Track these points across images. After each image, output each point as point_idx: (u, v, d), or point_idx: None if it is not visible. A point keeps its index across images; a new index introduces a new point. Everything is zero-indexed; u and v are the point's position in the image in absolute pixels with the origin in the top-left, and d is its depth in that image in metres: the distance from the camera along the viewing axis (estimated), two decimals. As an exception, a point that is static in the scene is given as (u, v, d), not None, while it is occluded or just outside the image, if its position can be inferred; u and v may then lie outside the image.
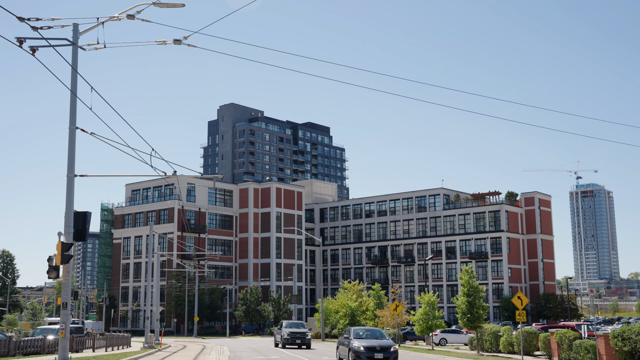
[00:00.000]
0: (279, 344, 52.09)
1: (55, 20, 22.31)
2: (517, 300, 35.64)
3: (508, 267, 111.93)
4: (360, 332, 33.26)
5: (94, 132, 24.62)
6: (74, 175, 25.88)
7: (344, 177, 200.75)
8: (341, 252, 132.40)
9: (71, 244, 24.59)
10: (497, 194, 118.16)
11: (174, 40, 22.56)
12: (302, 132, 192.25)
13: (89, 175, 27.89)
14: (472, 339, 48.37)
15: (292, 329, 50.96)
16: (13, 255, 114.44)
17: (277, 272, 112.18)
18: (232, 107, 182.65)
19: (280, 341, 50.92)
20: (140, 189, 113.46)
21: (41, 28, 20.57)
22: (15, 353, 34.18)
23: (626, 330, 27.19)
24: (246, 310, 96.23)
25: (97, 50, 24.30)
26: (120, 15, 23.51)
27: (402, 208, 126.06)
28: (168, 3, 22.94)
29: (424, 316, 52.08)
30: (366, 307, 70.65)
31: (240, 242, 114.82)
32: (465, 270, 45.26)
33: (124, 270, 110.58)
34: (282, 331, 50.95)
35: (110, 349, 44.33)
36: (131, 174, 76.20)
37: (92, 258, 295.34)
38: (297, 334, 49.95)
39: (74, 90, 25.34)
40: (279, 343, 52.12)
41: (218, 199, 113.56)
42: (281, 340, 50.53)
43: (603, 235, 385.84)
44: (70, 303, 25.72)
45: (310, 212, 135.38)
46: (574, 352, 32.11)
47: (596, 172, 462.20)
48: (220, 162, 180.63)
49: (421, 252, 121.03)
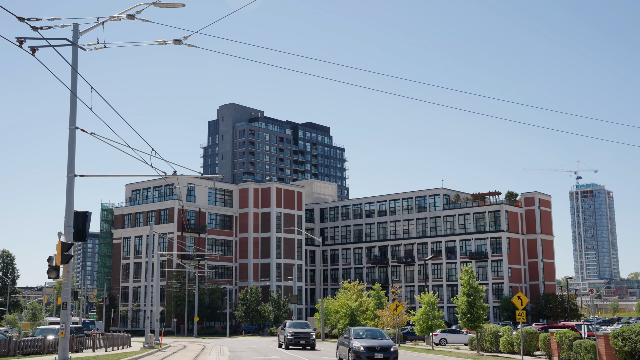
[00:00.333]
0: (282, 344, 50.43)
1: (55, 20, 22.31)
2: (517, 300, 35.64)
3: (508, 267, 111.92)
4: (360, 332, 33.26)
5: (94, 132, 24.62)
6: (74, 175, 25.88)
7: (344, 177, 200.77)
8: (341, 252, 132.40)
9: (71, 244, 24.59)
10: (497, 194, 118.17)
11: (174, 40, 22.56)
12: (302, 132, 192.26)
13: (89, 175, 27.89)
14: (472, 339, 48.37)
15: (295, 329, 49.06)
16: (13, 255, 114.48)
17: (277, 272, 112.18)
18: (232, 107, 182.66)
19: (284, 342, 49.15)
20: (140, 189, 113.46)
21: (41, 28, 20.57)
22: (15, 353, 34.18)
23: (626, 330, 27.19)
24: (246, 310, 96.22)
25: (97, 50, 24.31)
26: (120, 15, 23.50)
27: (402, 208, 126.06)
28: (168, 3, 22.93)
29: (424, 316, 52.07)
30: (366, 307, 70.64)
31: (240, 242, 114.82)
32: (465, 270, 45.26)
33: (124, 270, 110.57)
34: (286, 331, 49.09)
35: (110, 349, 44.33)
36: (131, 174, 76.09)
37: (92, 258, 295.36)
38: (301, 334, 48.11)
39: (74, 90, 25.33)
40: (282, 344, 50.41)
41: (218, 199, 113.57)
42: (284, 340, 48.88)
43: (603, 235, 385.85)
44: (70, 303, 25.71)
45: (310, 212, 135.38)
46: (574, 352, 32.11)
47: (596, 172, 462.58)
48: (220, 162, 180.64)
49: (421, 252, 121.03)
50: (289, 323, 51.37)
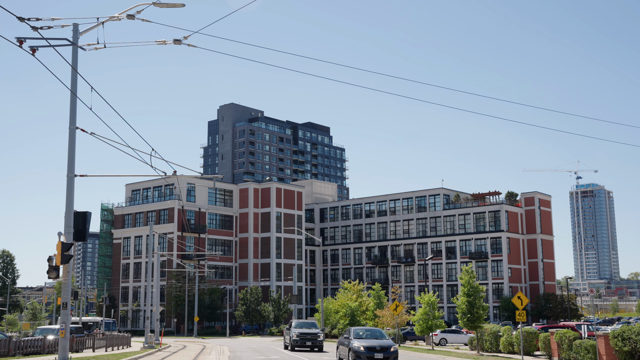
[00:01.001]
0: (287, 346, 47.48)
1: (55, 20, 22.30)
2: (517, 300, 35.63)
3: (508, 267, 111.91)
4: (360, 332, 33.25)
5: (94, 132, 24.61)
6: (74, 175, 25.87)
7: (344, 177, 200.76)
8: (341, 252, 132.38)
9: (71, 244, 24.58)
10: (497, 194, 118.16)
11: (174, 40, 22.55)
12: (302, 132, 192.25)
13: (89, 175, 27.88)
14: (472, 339, 48.37)
15: (302, 330, 45.86)
16: (13, 255, 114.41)
17: (277, 272, 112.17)
18: (232, 107, 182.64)
19: (289, 343, 46.22)
20: (140, 189, 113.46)
21: (41, 28, 20.56)
22: (15, 353, 34.17)
23: (626, 330, 27.19)
24: (246, 310, 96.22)
25: (97, 50, 24.30)
26: (120, 15, 23.50)
27: (402, 208, 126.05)
28: (168, 3, 22.93)
29: (424, 316, 52.06)
30: (366, 307, 70.62)
31: (240, 242, 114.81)
32: (465, 270, 45.26)
33: (124, 270, 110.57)
34: (291, 332, 46.10)
35: (110, 349, 44.32)
36: (131, 174, 76.21)
37: (92, 258, 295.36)
38: (307, 334, 44.93)
39: (74, 90, 25.33)
40: (287, 345, 47.52)
41: (218, 199, 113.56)
42: (290, 342, 45.98)
43: (603, 235, 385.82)
44: (70, 303, 25.71)
45: (310, 212, 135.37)
46: (574, 352, 32.10)
47: (596, 172, 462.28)
48: (220, 162, 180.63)
49: (421, 252, 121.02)
50: (294, 323, 47.99)
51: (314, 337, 44.86)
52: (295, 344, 44.93)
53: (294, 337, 45.03)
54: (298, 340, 44.83)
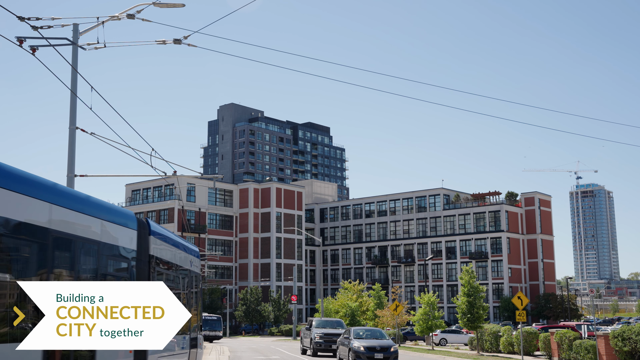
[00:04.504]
0: (307, 349, 39.25)
1: (55, 19, 22.28)
2: (517, 300, 35.62)
3: (508, 267, 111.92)
4: (361, 332, 33.20)
5: (94, 132, 24.57)
6: (74, 175, 25.84)
7: (344, 177, 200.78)
8: (341, 252, 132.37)
9: (71, 244, 24.52)
10: (497, 194, 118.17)
11: (174, 40, 22.53)
12: (302, 132, 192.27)
13: (89, 175, 27.84)
14: (472, 339, 48.36)
15: (325, 330, 38.13)
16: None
17: (277, 272, 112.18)
18: (232, 107, 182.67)
19: (310, 346, 37.92)
20: (140, 189, 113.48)
21: (41, 27, 20.54)
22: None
23: (626, 330, 27.20)
24: (246, 310, 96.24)
25: (97, 50, 24.25)
26: (121, 15, 23.48)
27: (402, 208, 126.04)
28: (168, 3, 22.91)
29: (424, 316, 52.03)
30: (366, 307, 70.57)
31: (240, 242, 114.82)
32: (465, 271, 45.25)
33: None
34: (312, 332, 37.97)
35: (110, 349, 44.20)
36: (131, 174, 76.17)
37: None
38: (333, 336, 36.80)
39: (74, 90, 25.32)
40: (307, 348, 39.21)
41: (218, 199, 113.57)
42: (311, 345, 37.66)
43: (603, 235, 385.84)
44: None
45: (310, 212, 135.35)
46: (574, 352, 32.10)
47: (596, 172, 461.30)
48: (220, 162, 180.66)
49: (421, 252, 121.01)
50: (316, 322, 39.83)
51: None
52: (318, 346, 37.01)
53: (317, 339, 37.13)
54: (322, 343, 36.92)
